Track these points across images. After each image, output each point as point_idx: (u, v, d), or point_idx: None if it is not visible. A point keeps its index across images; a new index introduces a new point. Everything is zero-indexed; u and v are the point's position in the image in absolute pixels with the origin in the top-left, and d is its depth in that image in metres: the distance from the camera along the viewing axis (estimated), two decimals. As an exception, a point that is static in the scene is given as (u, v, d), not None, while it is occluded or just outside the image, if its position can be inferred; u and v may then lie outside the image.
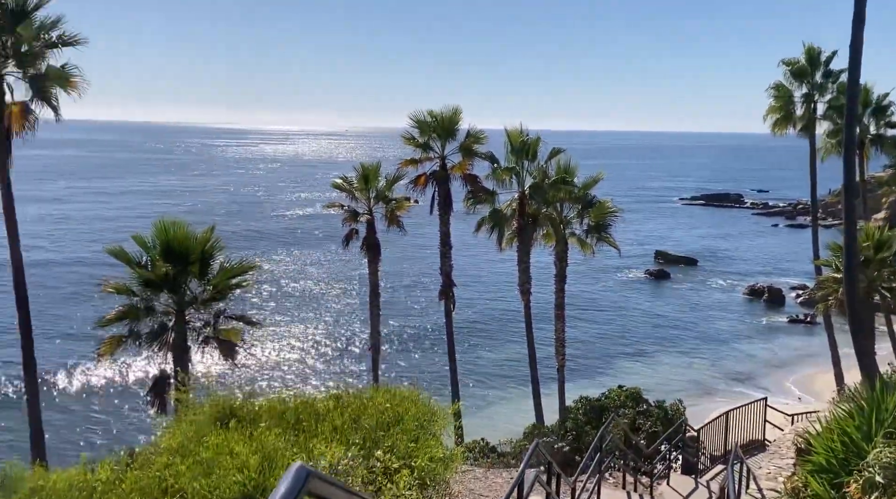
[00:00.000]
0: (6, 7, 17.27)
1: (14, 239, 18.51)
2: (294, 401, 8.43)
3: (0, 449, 29.14)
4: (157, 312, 17.65)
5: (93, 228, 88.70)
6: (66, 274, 62.71)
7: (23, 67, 17.83)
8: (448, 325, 29.75)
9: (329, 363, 44.73)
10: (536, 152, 28.81)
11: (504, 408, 38.10)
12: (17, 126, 18.17)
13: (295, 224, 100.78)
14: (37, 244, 71.54)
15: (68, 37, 18.18)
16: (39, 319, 42.05)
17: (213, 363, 19.41)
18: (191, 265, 17.42)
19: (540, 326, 31.94)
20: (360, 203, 29.14)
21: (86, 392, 37.14)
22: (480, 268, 68.14)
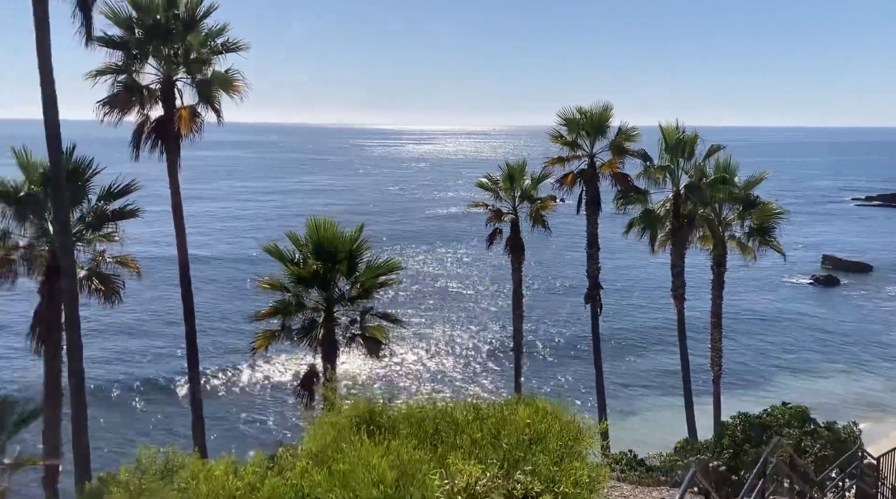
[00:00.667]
0: (178, 17, 18.45)
1: (182, 236, 19.76)
2: (433, 408, 8.14)
3: (163, 434, 31.62)
4: (307, 308, 18.14)
5: (253, 225, 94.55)
6: (229, 270, 67.04)
7: (191, 73, 18.99)
8: (594, 329, 28.72)
9: (469, 365, 44.57)
10: (693, 150, 27.12)
11: (652, 418, 36.39)
12: (186, 129, 19.38)
13: (439, 223, 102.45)
14: (202, 242, 77.08)
15: (232, 43, 19.19)
16: (202, 312, 45.41)
17: (359, 361, 19.75)
18: (339, 263, 17.75)
19: (693, 335, 30.09)
20: (504, 202, 28.75)
21: (242, 384, 39.49)
22: (629, 271, 65.83)
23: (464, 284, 65.68)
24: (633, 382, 41.71)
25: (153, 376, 39.83)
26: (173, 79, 19.16)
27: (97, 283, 16.80)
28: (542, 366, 44.11)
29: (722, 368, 27.75)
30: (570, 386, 40.52)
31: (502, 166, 28.84)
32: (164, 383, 38.87)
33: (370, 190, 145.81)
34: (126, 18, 18.39)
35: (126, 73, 18.59)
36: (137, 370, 40.82)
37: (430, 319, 54.11)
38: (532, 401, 10.54)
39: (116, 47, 18.43)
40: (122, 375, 39.96)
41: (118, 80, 18.55)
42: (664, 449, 24.62)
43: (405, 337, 46.44)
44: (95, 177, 17.57)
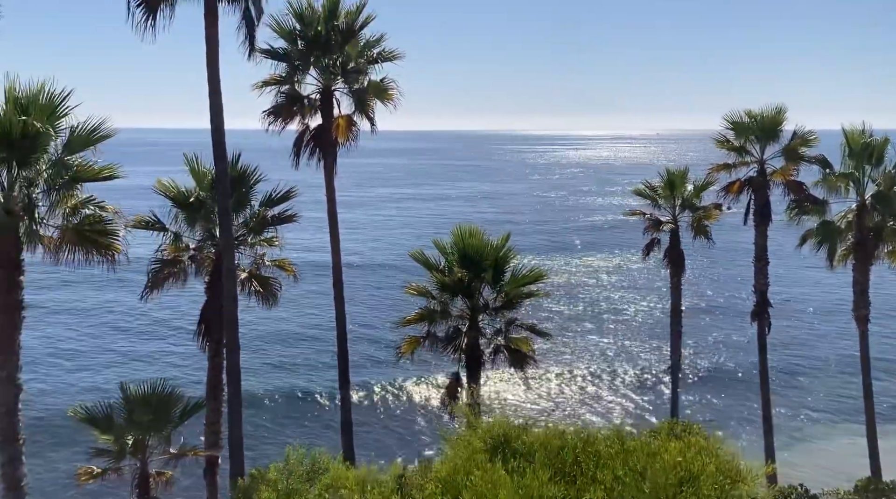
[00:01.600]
0: (338, 28, 19.02)
1: (336, 242, 20.35)
2: (574, 436, 7.55)
3: (313, 436, 32.82)
4: (452, 316, 18.03)
5: (406, 232, 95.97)
6: (382, 277, 67.79)
7: (348, 83, 19.53)
8: (761, 349, 26.48)
9: (619, 385, 42.07)
10: (883, 156, 24.29)
11: (826, 451, 32.99)
12: (343, 137, 19.96)
13: (593, 231, 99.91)
14: (355, 248, 79.29)
15: (388, 53, 19.53)
16: (353, 317, 46.80)
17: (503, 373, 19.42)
18: (484, 272, 17.50)
19: (878, 359, 27.00)
20: (663, 211, 27.30)
21: (389, 390, 39.74)
22: (801, 288, 60.60)
23: (617, 297, 63.13)
24: (804, 409, 38.05)
25: (305, 378, 41.29)
26: (332, 88, 19.77)
27: (256, 284, 17.64)
28: (700, 388, 41.33)
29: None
30: (732, 411, 37.67)
31: (661, 173, 27.46)
32: (315, 385, 40.14)
33: (524, 197, 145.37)
34: (290, 31, 19.21)
35: (289, 84, 19.42)
36: (291, 371, 42.45)
37: (579, 332, 52.15)
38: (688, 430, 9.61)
39: (280, 59, 19.30)
40: (277, 375, 41.75)
41: (281, 90, 19.41)
42: (839, 483, 22.26)
43: (551, 351, 45.01)
44: (259, 183, 18.45)
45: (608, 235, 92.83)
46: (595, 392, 41.00)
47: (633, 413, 37.56)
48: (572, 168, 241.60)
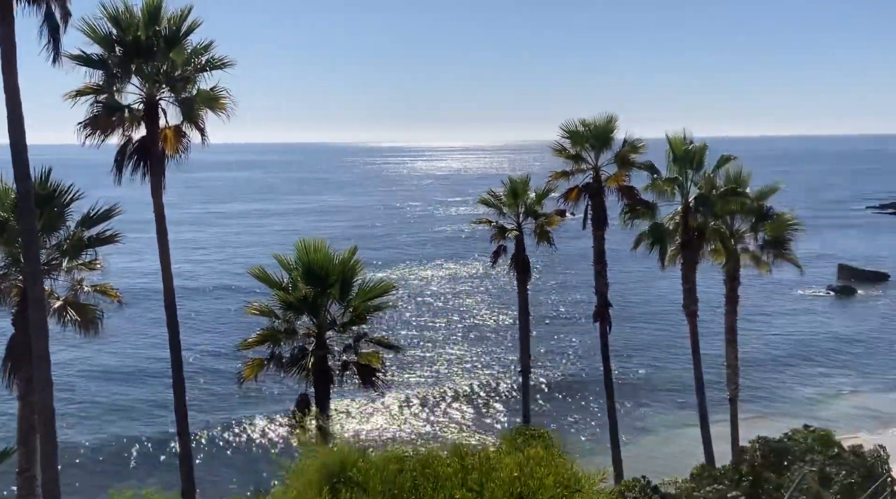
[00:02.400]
0: (160, 35, 17.74)
1: (166, 260, 18.94)
2: (413, 457, 7.20)
3: (147, 471, 30.49)
4: (298, 334, 17.28)
5: (254, 249, 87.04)
6: (221, 298, 63.53)
7: (175, 92, 18.26)
8: (603, 348, 27.67)
9: (473, 391, 42.19)
10: (703, 161, 26.15)
11: (668, 439, 35.12)
12: (172, 149, 18.64)
13: (446, 240, 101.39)
14: (197, 270, 74.14)
15: (218, 60, 18.44)
16: (190, 342, 43.58)
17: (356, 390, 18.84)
18: (331, 287, 16.89)
19: (705, 352, 28.91)
20: (508, 218, 27.92)
21: (232, 417, 37.17)
22: (639, 287, 64.44)
23: (469, 304, 63.97)
24: (646, 400, 40.33)
25: (138, 413, 37.90)
26: (157, 98, 18.41)
27: (73, 313, 15.95)
28: (551, 387, 42.72)
29: (739, 386, 26.60)
30: (581, 408, 39.25)
31: (505, 181, 28.07)
32: (148, 420, 36.91)
33: (378, 208, 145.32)
34: (105, 36, 17.66)
35: (107, 93, 17.85)
36: (122, 408, 38.63)
37: (433, 342, 52.10)
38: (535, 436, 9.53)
39: (95, 66, 17.67)
40: (106, 412, 38.00)
41: (98, 100, 17.80)
42: (678, 473, 23.47)
43: (404, 363, 44.57)
44: (75, 202, 16.76)
45: (459, 244, 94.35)
46: (448, 403, 40.65)
47: (486, 423, 37.63)
48: (424, 179, 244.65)
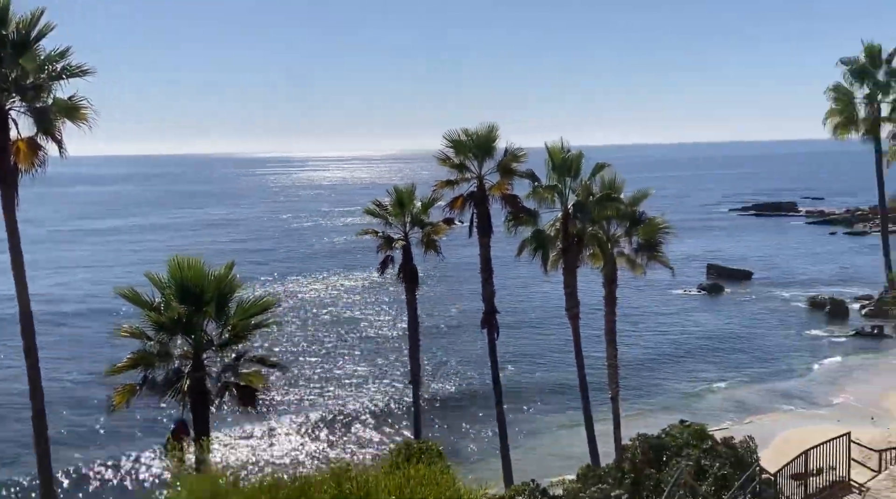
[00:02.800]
0: (7, 39, 16.38)
1: (22, 284, 17.49)
2: (290, 483, 6.86)
3: None
4: (173, 356, 16.40)
5: (131, 267, 79.07)
6: (94, 321, 58.97)
7: (27, 101, 16.91)
8: (492, 354, 28.04)
9: (361, 408, 41.29)
10: (580, 168, 27.08)
11: (556, 440, 35.93)
12: (26, 162, 17.22)
13: (335, 252, 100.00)
14: (61, 292, 69.02)
15: (75, 67, 17.22)
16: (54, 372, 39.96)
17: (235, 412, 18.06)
18: (207, 305, 16.14)
19: (588, 354, 29.87)
20: (395, 228, 27.84)
21: (101, 449, 34.65)
22: (526, 292, 65.90)
23: (358, 316, 63.01)
24: (535, 404, 41.15)
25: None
26: (6, 108, 16.99)
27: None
28: (441, 396, 42.72)
29: (619, 385, 27.58)
30: (472, 416, 39.48)
31: (390, 191, 27.97)
32: (4, 457, 33.42)
33: (263, 221, 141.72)
34: (-56, 40, 16.16)
35: (-52, 102, 16.31)
36: None
37: (321, 357, 50.58)
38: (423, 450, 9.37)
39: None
40: None
41: (-63, 110, 16.23)
42: (567, 472, 24.01)
43: (291, 381, 42.89)
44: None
45: (348, 256, 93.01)
46: (337, 421, 39.44)
47: (375, 439, 36.96)
48: (310, 190, 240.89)
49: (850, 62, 33.19)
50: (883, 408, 37.94)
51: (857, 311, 61.62)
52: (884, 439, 29.92)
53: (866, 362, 48.26)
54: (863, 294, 65.77)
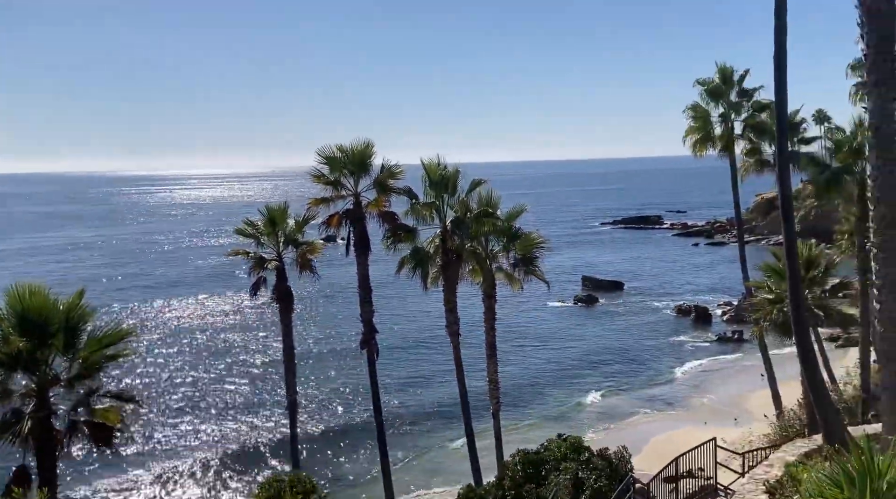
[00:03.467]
0: None
1: None
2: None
3: None
4: (13, 395, 14.76)
5: None
6: None
7: None
8: (371, 376, 27.35)
9: (234, 438, 39.36)
10: (456, 185, 27.02)
11: (438, 461, 35.64)
12: None
13: (209, 274, 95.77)
14: None
15: None
16: None
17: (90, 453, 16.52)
18: (52, 338, 14.66)
19: (470, 370, 29.84)
20: (267, 248, 26.75)
21: None
22: (407, 311, 65.59)
23: (232, 341, 59.81)
24: (417, 424, 40.64)
25: None
26: None
27: None
28: (320, 421, 41.32)
29: (500, 401, 27.65)
30: (352, 439, 38.42)
31: (262, 210, 26.90)
32: None
33: (131, 242, 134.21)
34: None
35: None
36: None
37: (191, 388, 47.46)
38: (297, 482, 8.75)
39: None
40: None
41: None
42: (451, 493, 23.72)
43: (157, 414, 40.06)
44: None
45: (221, 278, 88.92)
46: (207, 457, 37.21)
47: (251, 474, 35.10)
48: (188, 208, 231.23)
49: (705, 83, 35.23)
50: (744, 409, 40.20)
51: (719, 317, 65.86)
52: (745, 440, 31.69)
53: (728, 365, 51.35)
54: (724, 301, 70.42)
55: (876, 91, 13.42)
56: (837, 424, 15.97)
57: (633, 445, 22.76)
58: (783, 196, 17.11)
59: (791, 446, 15.52)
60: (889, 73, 13.31)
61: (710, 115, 35.33)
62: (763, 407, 37.18)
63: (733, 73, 35.20)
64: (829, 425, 15.34)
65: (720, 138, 35.26)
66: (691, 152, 35.76)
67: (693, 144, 35.48)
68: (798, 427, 28.52)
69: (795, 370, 37.14)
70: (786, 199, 17.14)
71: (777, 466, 14.66)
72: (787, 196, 17.17)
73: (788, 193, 17.32)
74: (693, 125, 35.30)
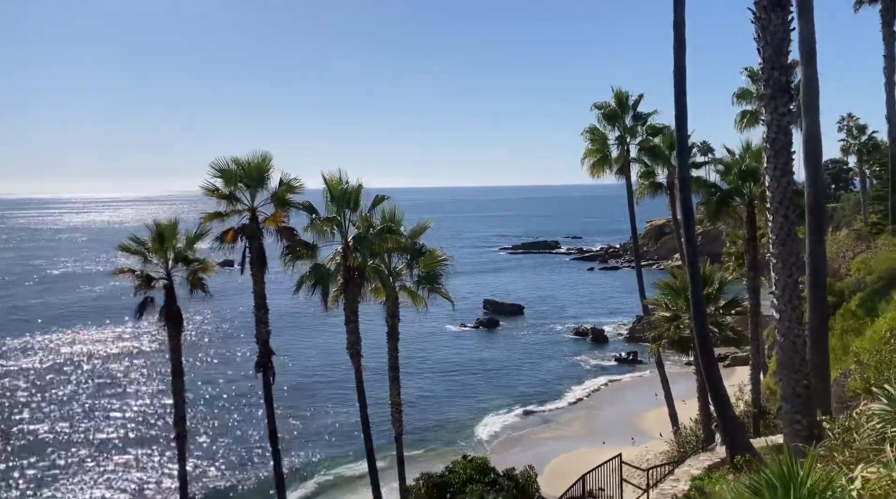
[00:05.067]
0: None
1: None
2: None
3: None
4: None
5: None
6: None
7: None
8: (267, 400, 25.84)
9: (122, 465, 37.01)
10: (359, 200, 26.13)
11: (338, 486, 34.28)
12: None
13: (95, 298, 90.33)
14: None
15: None
16: None
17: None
18: None
19: (372, 394, 28.81)
20: (155, 266, 24.96)
21: None
22: (307, 332, 63.77)
23: (115, 369, 56.00)
24: (316, 448, 39.12)
25: None
26: None
27: None
28: (213, 449, 39.13)
29: (403, 423, 26.78)
30: (246, 466, 36.52)
31: (150, 226, 25.12)
32: None
33: (10, 265, 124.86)
34: None
35: None
36: None
37: (70, 422, 43.89)
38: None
39: None
40: None
41: None
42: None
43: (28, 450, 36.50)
44: None
45: (114, 299, 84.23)
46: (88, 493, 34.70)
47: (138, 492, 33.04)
48: (73, 232, 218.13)
49: (602, 106, 36.11)
50: (640, 428, 40.91)
51: (615, 337, 67.61)
52: (643, 458, 32.10)
53: (623, 385, 52.47)
54: (619, 322, 72.48)
55: (772, 104, 13.77)
56: (742, 436, 16.13)
57: (534, 466, 22.41)
58: (684, 197, 17.31)
59: (694, 460, 15.49)
60: (784, 85, 13.69)
61: (607, 139, 36.18)
62: (658, 426, 37.91)
63: (628, 97, 36.26)
64: (734, 438, 15.46)
65: (616, 161, 36.11)
66: (589, 174, 36.42)
67: (591, 166, 36.16)
68: (694, 443, 29.14)
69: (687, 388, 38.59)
70: (686, 199, 17.37)
71: (683, 480, 14.55)
72: (687, 196, 17.42)
73: (688, 193, 17.58)
74: (591, 148, 36.02)
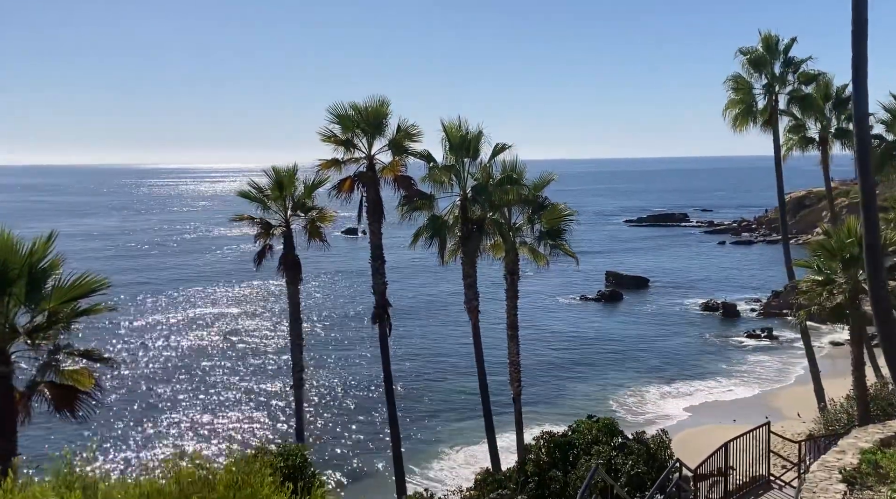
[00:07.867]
0: None
1: None
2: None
3: None
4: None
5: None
6: None
7: None
8: (384, 352, 25.34)
9: (237, 405, 38.10)
10: (479, 149, 24.90)
11: (453, 444, 33.50)
12: None
13: (226, 259, 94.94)
14: None
15: None
16: None
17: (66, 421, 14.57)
18: (11, 285, 12.76)
19: (488, 352, 27.57)
20: (274, 214, 24.80)
21: None
22: (422, 284, 63.27)
23: (239, 315, 58.46)
24: (431, 405, 38.62)
25: None
26: None
27: None
28: (328, 398, 39.54)
29: (521, 384, 25.48)
30: (361, 419, 36.54)
31: (269, 172, 24.90)
32: None
33: (154, 232, 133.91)
34: None
35: None
36: None
37: (193, 358, 46.40)
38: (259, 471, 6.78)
39: None
40: None
41: None
42: (467, 481, 21.72)
43: (152, 381, 38.55)
44: None
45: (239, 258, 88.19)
46: (204, 426, 35.91)
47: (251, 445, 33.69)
48: (209, 200, 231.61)
49: (748, 52, 32.69)
50: (773, 406, 37.89)
51: (748, 312, 63.15)
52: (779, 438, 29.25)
53: (755, 362, 48.76)
54: (752, 298, 67.67)
55: None
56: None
57: (677, 440, 20.57)
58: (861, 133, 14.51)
59: (862, 432, 13.17)
60: None
61: (752, 88, 32.84)
62: (794, 405, 35.03)
63: (779, 41, 32.68)
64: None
65: (762, 113, 32.73)
66: (731, 127, 33.23)
67: (733, 117, 32.95)
68: (846, 421, 26.13)
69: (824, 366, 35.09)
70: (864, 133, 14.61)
71: (850, 452, 12.29)
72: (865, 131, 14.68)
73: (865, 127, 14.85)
74: (734, 98, 32.79)
